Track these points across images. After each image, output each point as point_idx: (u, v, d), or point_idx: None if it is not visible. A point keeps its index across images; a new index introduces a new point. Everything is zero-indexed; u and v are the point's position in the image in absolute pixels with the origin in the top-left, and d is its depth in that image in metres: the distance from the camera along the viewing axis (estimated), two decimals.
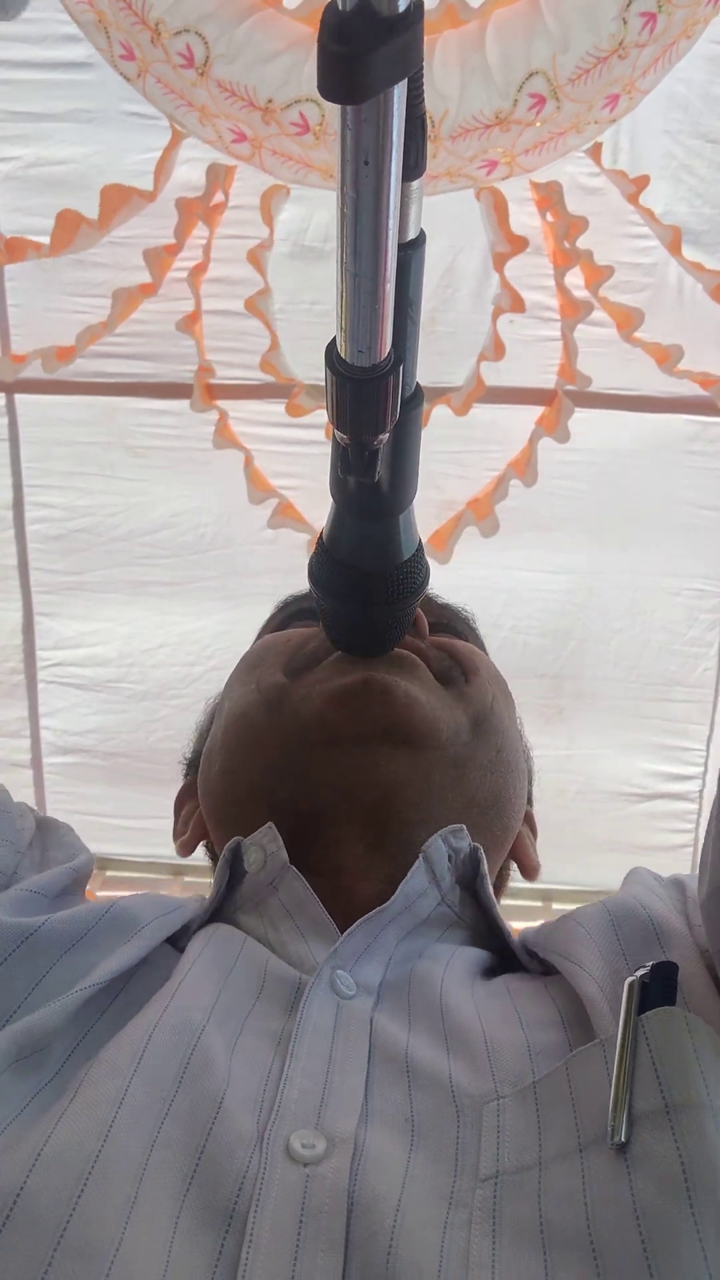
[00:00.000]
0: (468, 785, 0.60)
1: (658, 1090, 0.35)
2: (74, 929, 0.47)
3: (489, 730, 0.62)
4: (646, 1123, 0.35)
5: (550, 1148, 0.36)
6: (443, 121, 1.32)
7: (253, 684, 0.63)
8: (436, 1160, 0.37)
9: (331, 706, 0.58)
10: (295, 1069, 0.40)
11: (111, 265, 1.76)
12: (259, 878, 0.55)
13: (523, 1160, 0.36)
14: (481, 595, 2.03)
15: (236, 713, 0.63)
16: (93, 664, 2.24)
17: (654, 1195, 0.33)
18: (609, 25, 1.26)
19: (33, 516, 2.10)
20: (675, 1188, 0.32)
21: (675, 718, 2.23)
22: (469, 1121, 0.38)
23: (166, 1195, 0.34)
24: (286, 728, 0.59)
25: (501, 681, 0.68)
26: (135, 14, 1.28)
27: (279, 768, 0.59)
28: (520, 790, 0.66)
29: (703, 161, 1.68)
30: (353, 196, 0.35)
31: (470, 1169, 0.36)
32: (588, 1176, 0.34)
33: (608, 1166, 0.34)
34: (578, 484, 2.00)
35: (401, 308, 0.42)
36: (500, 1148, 0.36)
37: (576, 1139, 0.35)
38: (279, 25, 1.31)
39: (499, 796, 0.62)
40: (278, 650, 0.65)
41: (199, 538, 2.09)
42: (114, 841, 2.44)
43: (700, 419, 1.93)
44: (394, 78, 0.32)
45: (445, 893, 0.54)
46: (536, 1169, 0.35)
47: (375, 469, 0.46)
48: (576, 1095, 0.37)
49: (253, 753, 0.61)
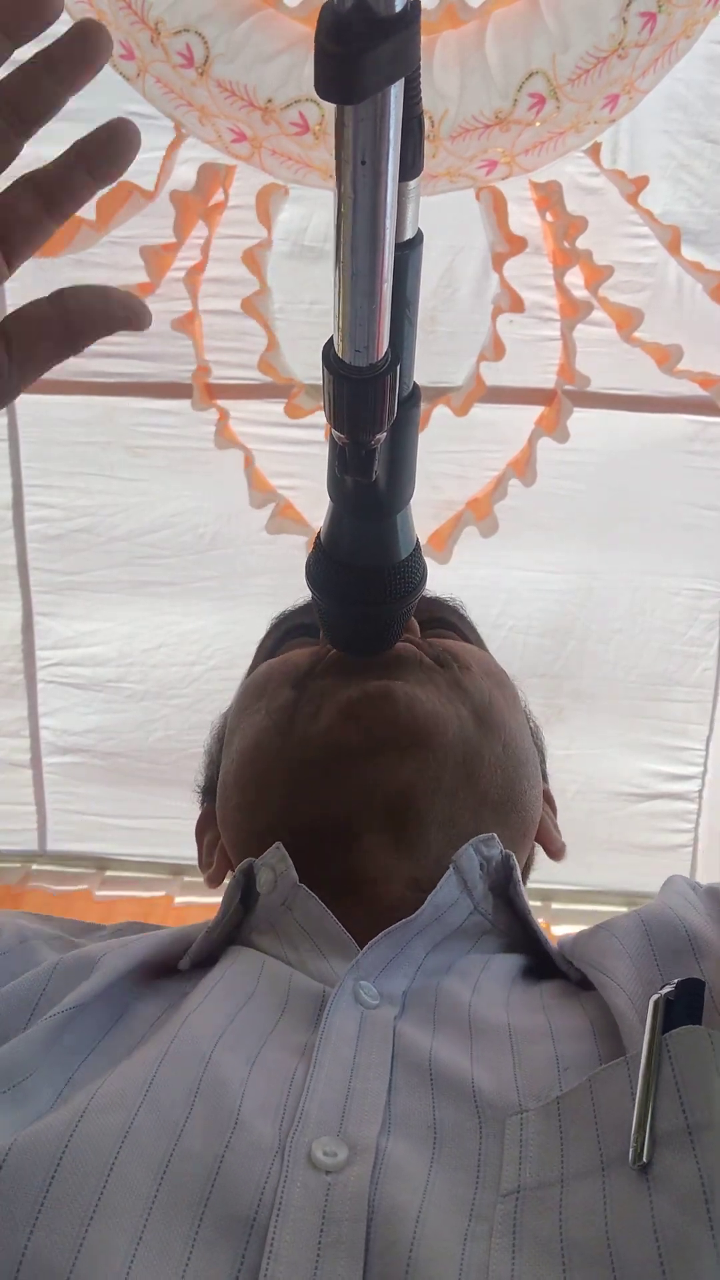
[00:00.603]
0: (479, 783, 0.60)
1: (680, 1110, 0.35)
2: (26, 993, 0.47)
3: (492, 724, 0.62)
4: (668, 1143, 0.34)
5: (573, 1165, 0.36)
6: (442, 121, 1.32)
7: (262, 710, 0.64)
8: (458, 1171, 0.36)
9: (338, 721, 0.59)
10: (318, 1077, 0.40)
11: (110, 265, 1.75)
12: (271, 898, 0.55)
13: (545, 1176, 0.36)
14: (481, 595, 2.03)
15: (249, 742, 0.64)
16: (92, 664, 2.24)
17: (674, 1215, 0.32)
18: (609, 25, 1.26)
19: (32, 516, 2.10)
20: (695, 1207, 0.32)
21: (675, 717, 2.23)
22: (492, 1133, 0.38)
23: (181, 1217, 0.34)
24: (296, 752, 0.60)
25: (497, 675, 0.68)
26: (135, 13, 1.28)
27: (294, 794, 0.60)
28: (533, 780, 0.66)
29: (702, 161, 1.68)
30: (350, 196, 0.35)
31: (492, 1182, 0.36)
32: (609, 1195, 0.34)
33: (629, 1186, 0.34)
34: (577, 484, 2.00)
35: (399, 307, 0.42)
36: (523, 1162, 0.36)
37: (599, 1157, 0.35)
38: (279, 25, 1.31)
39: (512, 791, 0.62)
40: (282, 673, 0.66)
41: (198, 538, 2.09)
42: (113, 841, 2.44)
43: (700, 419, 1.93)
44: (391, 77, 0.32)
45: (478, 901, 0.54)
46: (558, 1185, 0.35)
47: (373, 468, 0.46)
48: (600, 1112, 0.37)
49: (267, 786, 0.62)
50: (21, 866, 2.45)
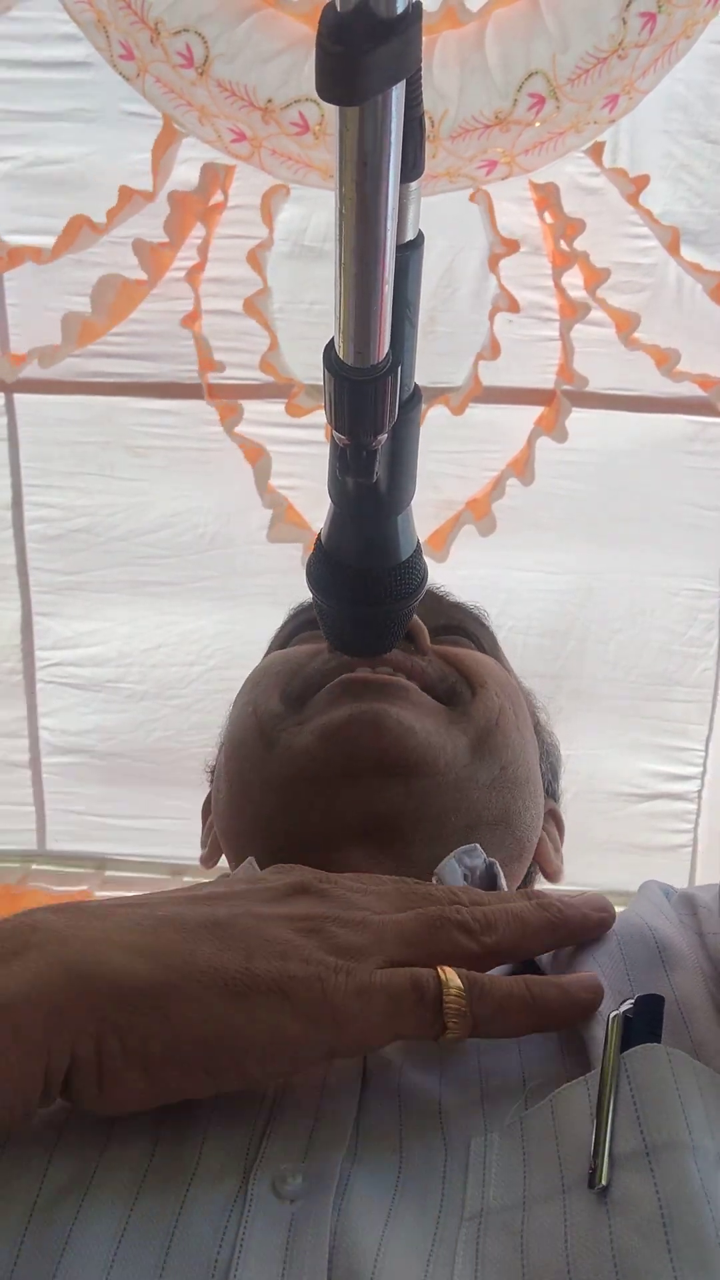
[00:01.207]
0: (471, 806, 0.59)
1: (638, 1131, 0.35)
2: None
3: (492, 748, 0.61)
4: (626, 1165, 0.34)
5: (535, 1187, 0.35)
6: (442, 122, 1.32)
7: (250, 706, 0.64)
8: (422, 1194, 0.36)
9: (322, 744, 0.58)
10: (285, 1103, 0.39)
11: (110, 265, 1.75)
12: None
13: (507, 1199, 0.35)
14: (481, 595, 2.01)
15: (236, 738, 0.64)
16: (92, 664, 2.24)
17: (632, 1239, 0.32)
18: (609, 25, 1.26)
19: (32, 516, 2.10)
20: (653, 1231, 0.32)
21: (674, 718, 2.23)
22: (457, 1156, 0.37)
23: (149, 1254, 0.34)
24: (281, 764, 0.59)
25: (511, 688, 0.68)
26: (134, 13, 1.28)
27: (278, 803, 0.60)
28: (531, 802, 0.65)
29: (702, 162, 1.68)
30: (351, 198, 0.35)
31: (455, 1206, 0.35)
32: (569, 1219, 0.34)
33: (589, 1210, 0.33)
34: (577, 484, 2.00)
35: (400, 309, 0.42)
36: (486, 1185, 0.36)
37: (560, 1180, 0.35)
38: (279, 25, 1.31)
39: (507, 812, 0.61)
40: (278, 670, 0.65)
41: (198, 537, 2.09)
42: (113, 841, 2.44)
43: (700, 419, 1.93)
44: (392, 79, 0.32)
45: None
46: (520, 1209, 0.35)
47: (374, 470, 0.46)
48: (560, 1133, 0.36)
49: (253, 788, 0.61)
50: (21, 866, 2.45)
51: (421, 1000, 0.37)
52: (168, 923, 0.37)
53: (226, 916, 0.38)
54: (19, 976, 0.34)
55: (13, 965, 0.35)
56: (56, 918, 0.37)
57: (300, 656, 0.66)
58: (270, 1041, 0.36)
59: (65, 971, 0.34)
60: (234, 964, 0.36)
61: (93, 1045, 0.34)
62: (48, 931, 0.36)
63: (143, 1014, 0.34)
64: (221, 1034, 0.35)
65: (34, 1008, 0.33)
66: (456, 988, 0.38)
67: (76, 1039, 0.34)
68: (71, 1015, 0.34)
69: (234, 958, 0.36)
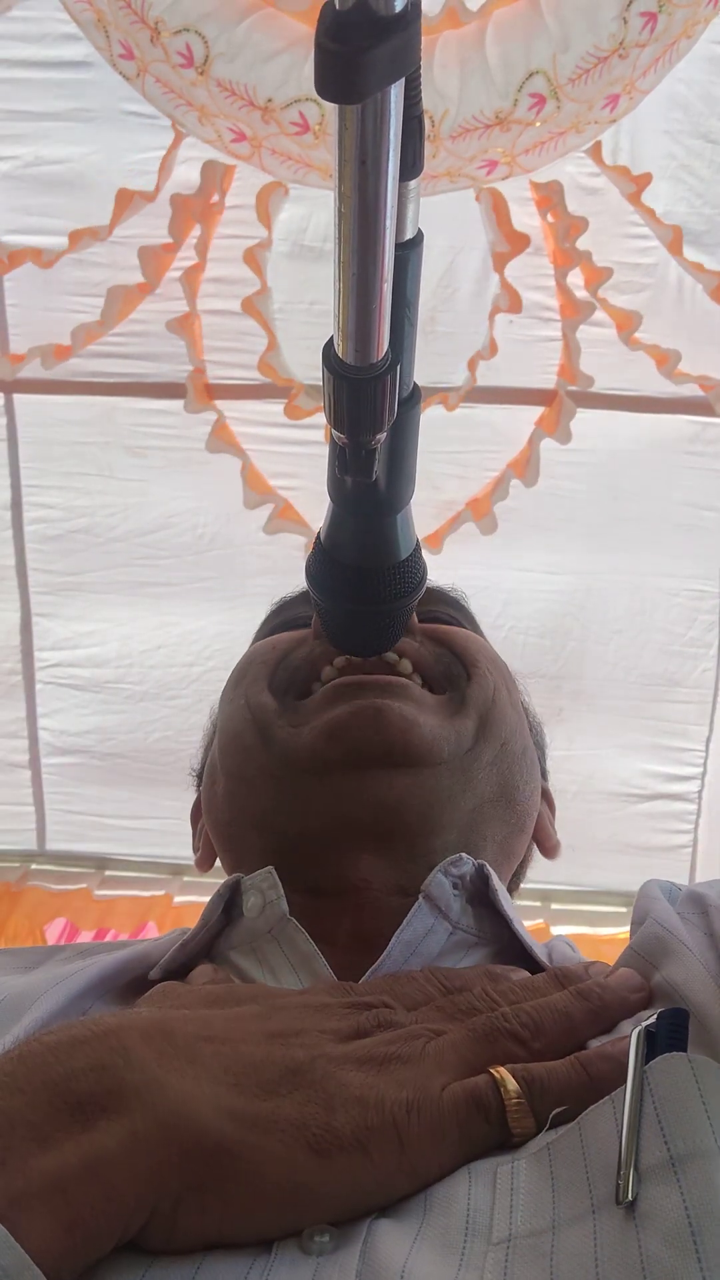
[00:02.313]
0: (476, 786, 0.59)
1: (662, 1143, 0.35)
2: None
3: (493, 728, 0.61)
4: (653, 1177, 0.34)
5: (564, 1210, 0.35)
6: (442, 121, 1.32)
7: (241, 699, 0.63)
8: (447, 1222, 0.36)
9: (325, 741, 0.57)
10: None
11: (110, 265, 1.76)
12: (256, 923, 0.55)
13: (536, 1224, 0.35)
14: (481, 596, 2.02)
15: (230, 732, 0.63)
16: (91, 664, 2.24)
17: (662, 1251, 0.32)
18: (609, 25, 1.26)
19: (31, 517, 2.10)
20: (682, 1240, 0.32)
21: (674, 718, 2.23)
22: (483, 1182, 0.37)
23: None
24: (280, 760, 0.59)
25: (501, 665, 0.68)
26: (134, 13, 1.28)
27: (278, 799, 0.59)
28: (530, 775, 0.65)
29: (703, 162, 1.68)
30: (350, 196, 0.35)
31: (482, 1231, 0.35)
32: (599, 1237, 0.34)
33: (618, 1226, 0.33)
34: (577, 484, 2.00)
35: (399, 307, 0.42)
36: (514, 1211, 0.36)
37: (590, 1200, 0.35)
38: (279, 24, 1.31)
39: (507, 786, 0.62)
40: (263, 660, 0.65)
41: (197, 538, 2.09)
42: (112, 841, 2.44)
43: (700, 419, 1.93)
44: (391, 77, 0.32)
45: (457, 920, 0.54)
46: (550, 1232, 0.35)
47: (373, 468, 0.46)
48: (589, 1154, 0.36)
49: (251, 784, 0.61)
50: (20, 865, 2.45)
51: (487, 1116, 0.38)
52: (251, 1074, 0.38)
53: (305, 1061, 0.38)
54: (115, 1137, 0.34)
55: (108, 1123, 0.34)
56: (148, 1053, 0.37)
57: (285, 644, 0.65)
58: (349, 1193, 0.36)
59: (161, 1131, 0.34)
60: (316, 1120, 0.36)
61: (173, 1202, 0.34)
62: (141, 1078, 0.36)
63: (228, 1174, 0.35)
64: (301, 1189, 0.35)
65: (129, 1169, 0.33)
66: (515, 1090, 0.39)
67: (161, 1198, 0.34)
68: (163, 1175, 0.34)
69: (316, 1112, 0.37)
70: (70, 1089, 0.35)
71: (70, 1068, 0.36)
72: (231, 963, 0.54)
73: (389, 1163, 0.36)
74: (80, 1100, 0.35)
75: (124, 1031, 0.37)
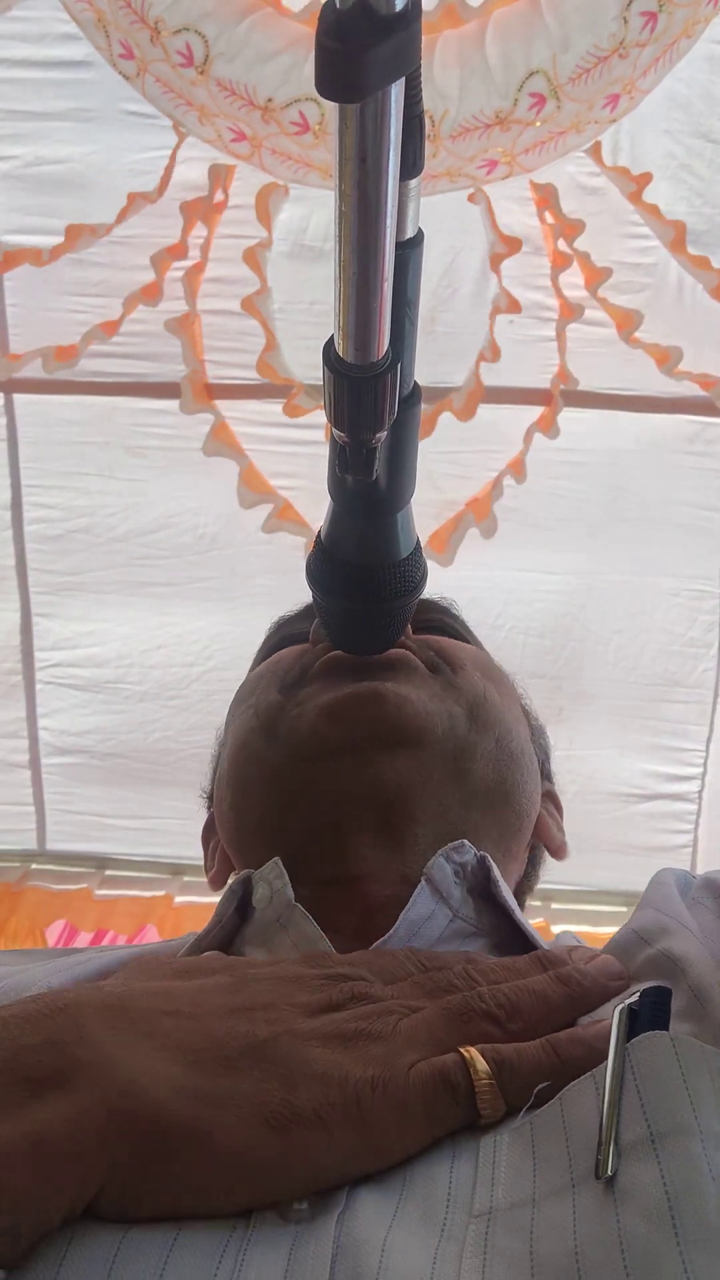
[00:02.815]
0: (471, 777, 0.60)
1: (643, 1119, 0.35)
2: None
3: (486, 719, 0.62)
4: (633, 1154, 0.34)
5: (545, 1185, 0.35)
6: (443, 121, 1.32)
7: (250, 710, 0.64)
8: (428, 1195, 0.36)
9: (323, 720, 0.58)
10: None
11: (110, 265, 1.76)
12: (266, 914, 0.55)
13: (517, 1197, 0.35)
14: (481, 596, 2.03)
15: (238, 743, 0.64)
16: (91, 665, 2.24)
17: (640, 1226, 0.32)
18: (609, 25, 1.26)
19: (31, 517, 2.10)
20: (660, 1217, 0.32)
21: (674, 718, 2.23)
22: (466, 1156, 0.37)
23: None
24: (284, 750, 0.60)
25: (493, 671, 0.68)
26: (134, 12, 1.28)
27: (282, 791, 0.60)
28: (528, 775, 0.65)
29: (703, 161, 1.68)
30: (350, 195, 0.35)
31: (463, 1204, 0.36)
32: (578, 1211, 0.34)
33: (597, 1201, 0.34)
34: (577, 484, 2.00)
35: (399, 306, 0.42)
36: (495, 1185, 0.36)
37: (570, 1175, 0.35)
38: (279, 24, 1.31)
39: (504, 784, 0.62)
40: (271, 673, 0.66)
41: (198, 538, 2.09)
42: (113, 841, 2.44)
43: (700, 419, 1.93)
44: (391, 76, 0.32)
45: (457, 907, 0.54)
46: (530, 1206, 0.35)
47: (373, 467, 0.46)
48: (569, 1129, 0.36)
49: (256, 783, 0.62)
50: (21, 865, 2.45)
51: (454, 1096, 0.38)
52: (210, 1049, 0.37)
53: (267, 1037, 0.38)
54: (60, 1112, 0.33)
55: (55, 1099, 0.34)
56: (102, 1028, 0.36)
57: (289, 657, 0.66)
58: (308, 1169, 0.36)
59: (109, 1111, 0.34)
60: (275, 1096, 0.36)
61: (124, 1178, 0.34)
62: (93, 1055, 0.35)
63: (181, 1152, 0.34)
64: (257, 1165, 0.35)
65: (73, 1147, 0.33)
66: (484, 1071, 0.38)
67: (109, 1174, 0.33)
68: (108, 1154, 0.34)
69: (275, 1089, 0.36)
70: (22, 1063, 0.35)
71: (23, 1043, 0.35)
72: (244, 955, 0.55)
73: (350, 1140, 0.36)
74: (31, 1076, 0.34)
75: (79, 1007, 0.37)
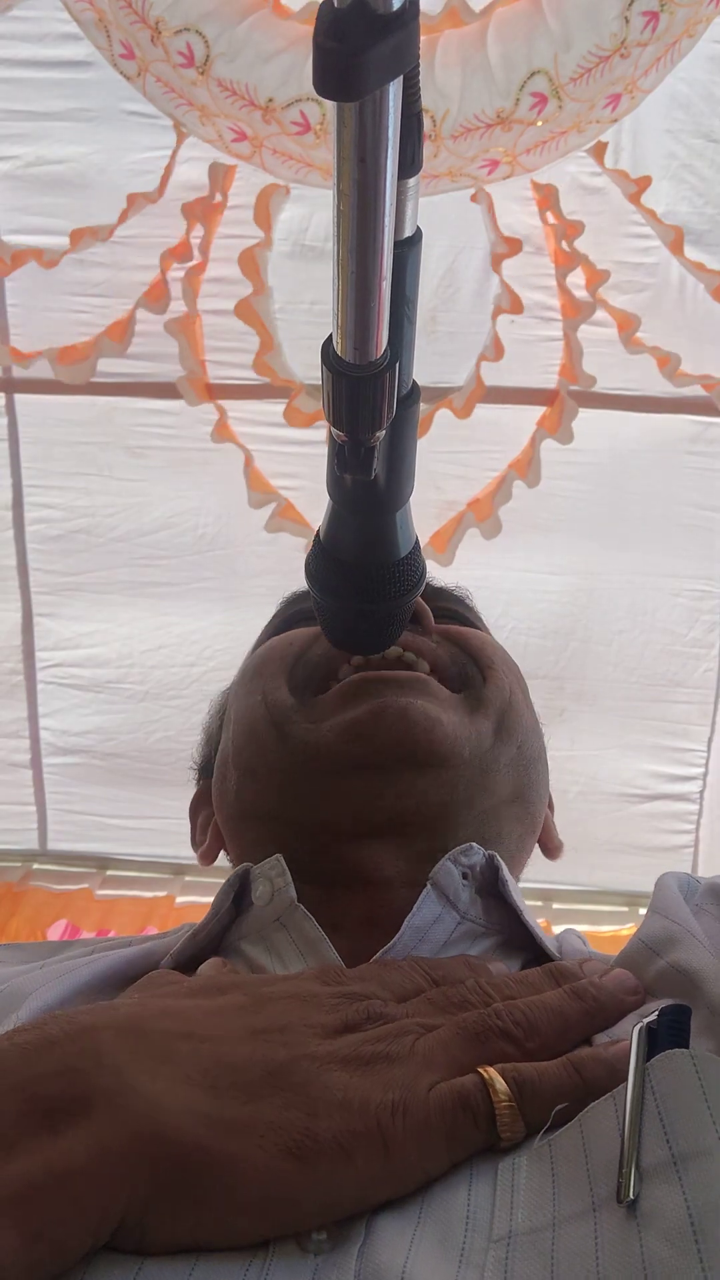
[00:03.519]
0: (494, 788, 0.59)
1: (664, 1141, 0.34)
2: None
3: (510, 729, 0.61)
4: (655, 1176, 0.34)
5: (565, 1208, 0.35)
6: (444, 121, 1.32)
7: (258, 694, 0.62)
8: (446, 1218, 0.36)
9: (344, 741, 0.57)
10: None
11: (111, 265, 1.76)
12: (265, 912, 0.55)
13: (537, 1221, 0.35)
14: (482, 596, 2.00)
15: (244, 726, 0.63)
16: (92, 665, 2.24)
17: (663, 1250, 0.32)
18: (611, 24, 1.26)
19: (32, 517, 2.10)
20: (683, 1240, 0.32)
21: (676, 719, 2.23)
22: (483, 1178, 0.37)
23: None
24: (298, 756, 0.58)
25: (514, 667, 0.67)
26: (135, 12, 1.28)
27: (295, 794, 0.59)
28: (543, 778, 0.65)
29: (704, 161, 1.68)
30: (349, 193, 0.35)
31: (483, 1227, 0.35)
32: (600, 1236, 0.33)
33: (619, 1225, 0.33)
34: (579, 485, 2.00)
35: (398, 305, 0.42)
36: (514, 1208, 0.35)
37: (590, 1198, 0.34)
38: (279, 24, 1.31)
39: (525, 789, 0.62)
40: (280, 656, 0.64)
41: (198, 538, 2.09)
42: (114, 841, 2.44)
43: (702, 419, 1.93)
44: (389, 75, 0.32)
45: (465, 909, 0.54)
46: (550, 1229, 0.34)
47: (372, 466, 0.46)
48: (590, 1151, 0.36)
49: (267, 778, 0.60)
50: (22, 865, 2.46)
51: (475, 1120, 0.37)
52: (230, 1075, 0.37)
53: (286, 1061, 0.37)
54: (82, 1143, 0.33)
55: (76, 1129, 0.33)
56: (121, 1054, 0.36)
57: (303, 639, 0.64)
58: (329, 1199, 0.35)
59: (131, 1140, 0.33)
60: (297, 1124, 0.35)
61: (143, 1209, 0.33)
62: (113, 1082, 0.35)
63: (202, 1181, 0.34)
64: (280, 1195, 0.34)
65: (97, 1179, 0.33)
66: (504, 1093, 0.38)
67: (130, 1205, 0.33)
68: (132, 1183, 0.33)
69: (297, 1117, 0.35)
70: (39, 1094, 0.34)
71: (39, 1071, 0.35)
72: (242, 953, 0.54)
73: (372, 1168, 0.35)
74: (49, 1105, 0.34)
75: (96, 1031, 0.37)
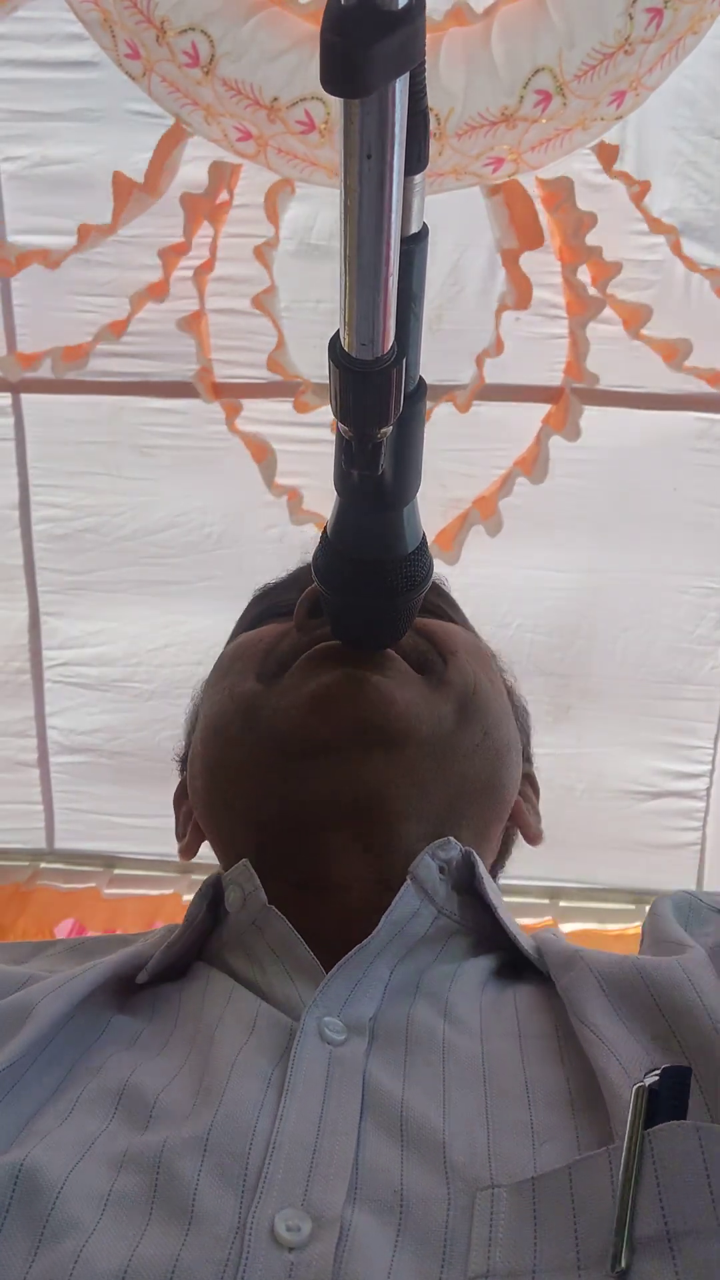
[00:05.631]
0: (455, 774, 0.58)
1: (660, 1215, 0.33)
2: None
3: (473, 712, 0.60)
4: (647, 1250, 0.33)
5: (546, 1257, 0.34)
6: (448, 119, 1.32)
7: (226, 691, 0.62)
8: (424, 1246, 0.35)
9: (305, 713, 0.56)
10: (284, 1132, 0.39)
11: (117, 264, 1.76)
12: (241, 917, 0.54)
13: (516, 1265, 0.34)
14: (488, 594, 2.03)
15: (213, 724, 0.62)
16: (99, 663, 2.24)
17: None
18: (615, 21, 1.25)
19: (39, 516, 2.10)
20: None
21: (683, 716, 2.23)
22: (461, 1205, 0.36)
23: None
24: (263, 743, 0.58)
25: (482, 654, 0.67)
26: (140, 12, 1.28)
27: (260, 785, 0.58)
28: (512, 766, 0.64)
29: (709, 158, 1.68)
30: (355, 190, 0.35)
31: (459, 1261, 0.34)
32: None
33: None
34: (585, 482, 1.99)
35: (405, 301, 0.42)
36: (492, 1245, 0.35)
37: (575, 1255, 0.34)
38: (284, 23, 1.31)
39: (490, 778, 0.61)
40: (249, 653, 0.64)
41: (205, 536, 2.09)
42: (121, 840, 2.44)
43: (708, 416, 1.92)
44: (396, 71, 0.32)
45: (441, 905, 0.53)
46: (529, 1276, 0.34)
47: (379, 462, 0.46)
48: (578, 1204, 0.35)
49: (233, 771, 0.60)
50: (30, 865, 2.46)
51: None
52: None
53: None
54: None
55: None
56: None
57: (271, 636, 0.64)
58: None
59: None
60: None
61: None
62: None
63: None
64: None
65: None
66: None
67: None
68: None
69: None
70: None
71: None
72: (225, 962, 0.54)
73: None
74: None
75: None
